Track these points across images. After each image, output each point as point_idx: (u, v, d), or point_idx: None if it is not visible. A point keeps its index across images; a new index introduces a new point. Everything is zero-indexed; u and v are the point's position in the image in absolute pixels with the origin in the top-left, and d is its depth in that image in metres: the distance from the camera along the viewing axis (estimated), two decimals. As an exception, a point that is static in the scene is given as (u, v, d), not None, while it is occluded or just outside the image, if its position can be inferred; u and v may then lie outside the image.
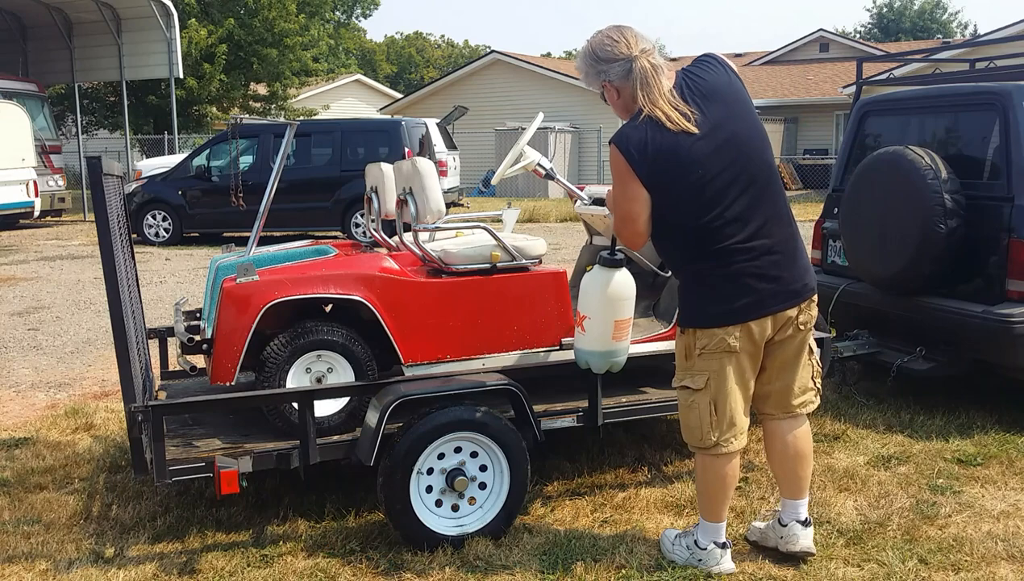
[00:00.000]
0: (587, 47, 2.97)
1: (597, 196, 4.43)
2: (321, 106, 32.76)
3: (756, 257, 2.88)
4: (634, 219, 2.89)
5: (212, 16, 25.29)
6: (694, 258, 2.94)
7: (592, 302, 3.27)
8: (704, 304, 2.96)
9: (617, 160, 2.86)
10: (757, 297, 2.90)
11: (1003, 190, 4.45)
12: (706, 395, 2.98)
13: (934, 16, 56.38)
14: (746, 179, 2.87)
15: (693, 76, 2.92)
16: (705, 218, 2.85)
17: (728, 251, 2.87)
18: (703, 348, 2.96)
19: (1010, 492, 3.77)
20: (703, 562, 3.09)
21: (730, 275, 2.89)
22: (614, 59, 2.91)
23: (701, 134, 2.81)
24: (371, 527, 3.46)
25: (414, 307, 3.59)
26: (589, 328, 3.30)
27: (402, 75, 66.17)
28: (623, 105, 2.99)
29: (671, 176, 2.83)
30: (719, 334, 2.92)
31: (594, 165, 26.98)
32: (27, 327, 7.78)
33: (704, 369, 2.97)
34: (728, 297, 2.90)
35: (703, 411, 3.00)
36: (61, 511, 3.71)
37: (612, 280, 3.24)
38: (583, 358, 3.40)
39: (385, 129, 14.24)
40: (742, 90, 2.96)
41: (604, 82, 2.97)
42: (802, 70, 31.36)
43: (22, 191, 16.05)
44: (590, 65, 2.97)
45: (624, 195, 2.90)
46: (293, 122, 4.98)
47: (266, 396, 3.38)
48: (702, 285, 2.96)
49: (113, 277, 3.06)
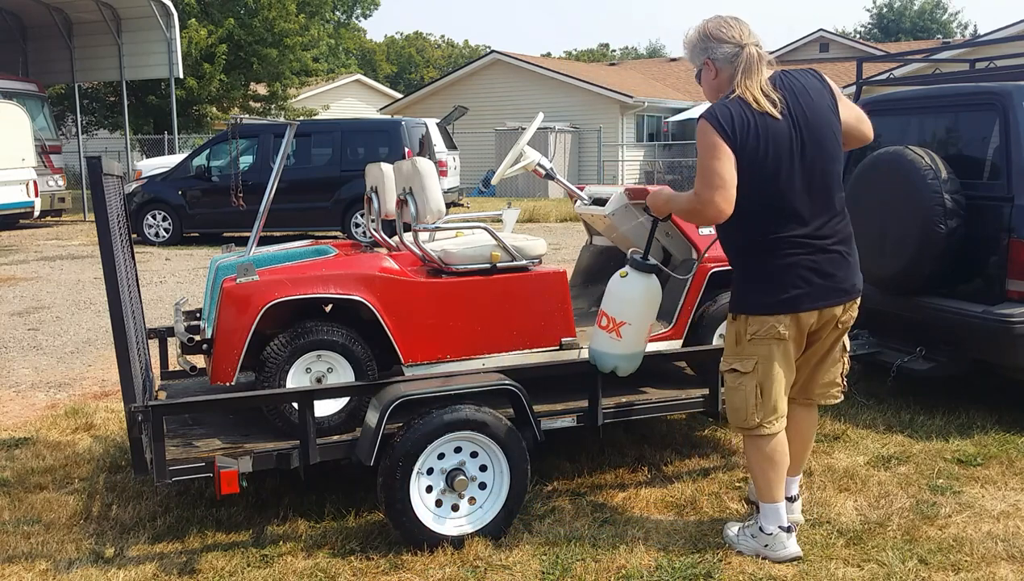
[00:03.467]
0: (702, 25, 3.14)
1: (597, 196, 4.43)
2: (321, 106, 32.75)
3: (814, 252, 3.03)
4: (728, 185, 2.92)
5: (212, 16, 25.28)
6: (755, 245, 3.08)
7: (633, 307, 3.38)
8: (758, 292, 3.10)
9: (707, 132, 2.96)
10: (810, 290, 3.03)
11: (1003, 190, 4.44)
12: (753, 379, 3.12)
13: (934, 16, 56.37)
14: (815, 178, 3.01)
15: (790, 75, 3.11)
16: (773, 204, 3.00)
17: (788, 242, 3.01)
18: (753, 334, 3.10)
19: (1010, 492, 3.77)
20: (770, 548, 3.18)
21: (787, 266, 3.03)
22: (725, 41, 3.06)
23: (782, 121, 2.97)
24: (371, 527, 3.46)
25: (414, 307, 3.59)
26: (626, 334, 3.39)
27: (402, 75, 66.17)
28: (716, 85, 3.13)
29: (749, 152, 2.95)
30: (770, 322, 3.07)
31: (594, 165, 26.98)
32: (27, 327, 7.78)
33: (753, 354, 3.12)
34: (783, 287, 3.04)
35: (749, 393, 3.14)
36: (61, 511, 3.71)
37: (651, 285, 3.37)
38: (611, 362, 3.48)
39: (385, 129, 14.24)
40: (832, 104, 3.08)
41: (707, 59, 3.12)
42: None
43: (22, 191, 16.04)
44: (701, 40, 3.12)
45: (717, 161, 2.93)
46: (293, 122, 4.98)
47: (266, 396, 3.38)
48: (758, 274, 3.09)
49: (113, 277, 3.06)
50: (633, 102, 27.11)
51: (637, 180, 27.01)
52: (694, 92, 31.03)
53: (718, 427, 4.61)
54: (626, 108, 27.46)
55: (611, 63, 42.91)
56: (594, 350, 3.55)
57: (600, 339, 3.50)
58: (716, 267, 4.07)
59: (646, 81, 32.03)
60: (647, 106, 27.84)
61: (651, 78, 33.23)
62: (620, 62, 44.37)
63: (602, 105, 27.35)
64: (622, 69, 35.91)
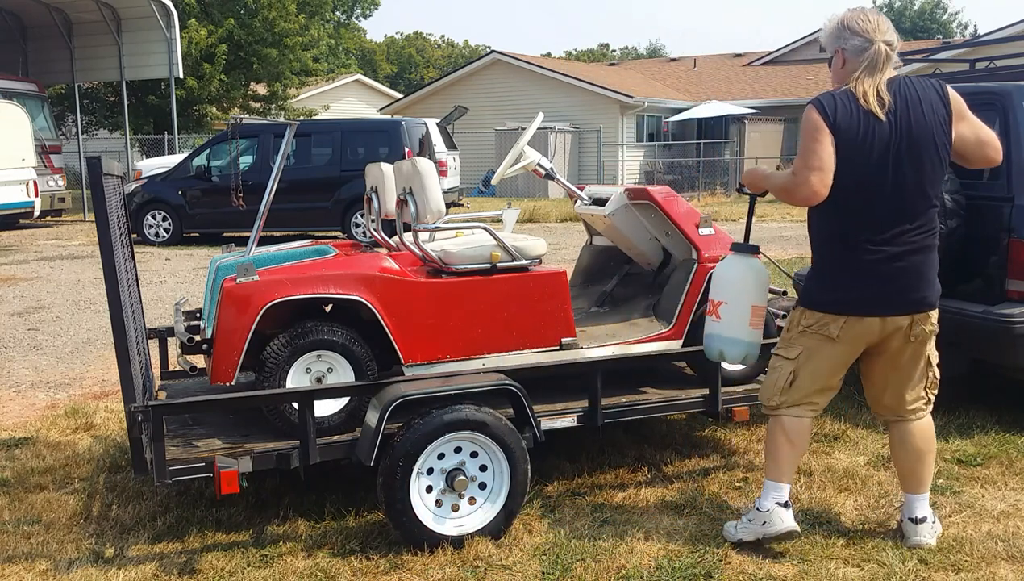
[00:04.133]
0: (843, 15, 3.20)
1: (597, 196, 4.43)
2: (321, 106, 32.75)
3: (881, 260, 3.05)
4: (826, 168, 2.98)
5: (212, 16, 25.28)
6: (829, 240, 3.15)
7: (729, 287, 3.40)
8: (819, 288, 3.19)
9: (811, 115, 3.04)
10: (868, 296, 3.08)
11: (1003, 190, 4.45)
12: (792, 365, 3.24)
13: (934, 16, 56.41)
14: (905, 188, 3.04)
15: (910, 83, 3.10)
16: (853, 203, 3.04)
17: (858, 244, 3.06)
18: (806, 327, 3.21)
19: (1010, 492, 3.77)
20: (768, 525, 3.22)
21: (851, 267, 3.09)
22: (858, 34, 3.11)
23: (885, 124, 3.00)
24: (371, 527, 3.46)
25: (414, 307, 3.59)
26: (725, 314, 3.39)
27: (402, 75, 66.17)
28: (841, 75, 3.18)
29: (844, 145, 3.00)
30: (823, 319, 3.15)
31: (594, 165, 26.99)
32: (27, 327, 7.78)
33: (800, 344, 3.23)
34: (842, 287, 3.11)
35: (781, 377, 3.26)
36: (61, 511, 3.71)
37: (749, 265, 3.39)
38: (716, 346, 3.45)
39: (385, 129, 14.24)
40: (944, 120, 3.07)
41: (839, 48, 3.17)
42: (802, 70, 31.34)
43: (22, 191, 16.05)
44: (837, 30, 3.18)
45: (818, 143, 3.00)
46: (293, 122, 4.98)
47: (266, 396, 3.38)
48: (823, 269, 3.19)
49: (113, 277, 3.06)
50: (633, 102, 27.12)
51: (637, 180, 27.01)
52: (694, 92, 31.05)
53: (718, 427, 4.61)
54: (626, 108, 27.47)
55: (611, 63, 42.93)
56: (704, 335, 3.53)
57: (707, 324, 3.51)
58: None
59: (646, 81, 32.03)
60: (647, 106, 27.84)
61: (651, 78, 33.24)
62: (620, 62, 44.38)
63: (602, 105, 27.36)
64: (622, 69, 35.92)
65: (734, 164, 25.64)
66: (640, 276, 4.56)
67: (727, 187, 25.24)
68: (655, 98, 28.66)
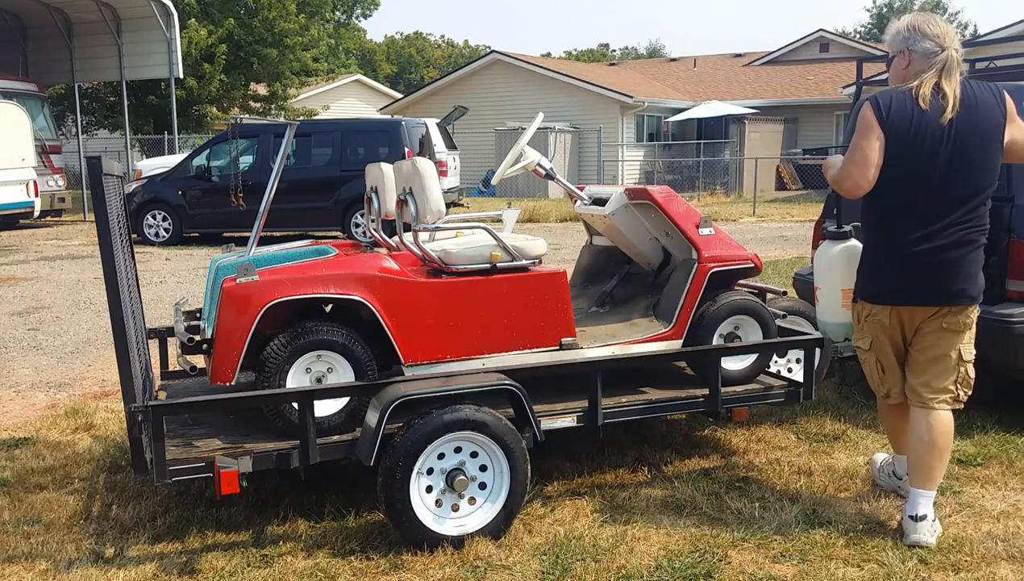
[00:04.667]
0: (911, 18, 3.37)
1: (597, 196, 4.43)
2: (321, 106, 32.75)
3: (923, 253, 3.21)
4: (869, 164, 3.17)
5: (212, 16, 25.28)
6: (877, 229, 3.33)
7: (821, 274, 3.68)
8: (867, 280, 3.40)
9: (864, 113, 3.22)
10: (910, 287, 3.26)
11: (1003, 190, 4.43)
12: (872, 354, 3.47)
13: (934, 16, 56.31)
14: (956, 186, 3.17)
15: (968, 86, 3.23)
16: (902, 199, 3.22)
17: (903, 237, 3.23)
18: (865, 317, 3.43)
19: (1010, 492, 3.77)
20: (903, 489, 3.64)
21: (895, 259, 3.27)
22: (929, 38, 3.26)
23: (940, 123, 3.15)
24: (371, 527, 3.46)
25: (414, 307, 3.59)
26: (822, 297, 3.71)
27: (402, 75, 66.17)
28: (903, 75, 3.34)
29: (897, 141, 3.16)
30: (874, 310, 3.38)
31: (594, 165, 26.99)
32: (27, 327, 7.78)
33: (868, 333, 3.45)
34: (887, 279, 3.31)
35: (872, 367, 3.50)
36: (61, 511, 3.71)
37: (836, 252, 3.60)
38: (821, 328, 3.84)
39: (385, 129, 14.24)
40: (1000, 123, 3.21)
41: (905, 48, 3.31)
42: (802, 70, 31.36)
43: (22, 191, 16.05)
44: (906, 31, 3.33)
45: (865, 139, 3.19)
46: (293, 122, 4.98)
47: (266, 396, 3.37)
48: (872, 261, 3.38)
49: (113, 277, 3.06)
50: (633, 102, 27.12)
51: (637, 180, 27.01)
52: (694, 92, 31.06)
53: (718, 427, 4.61)
54: (626, 108, 27.47)
55: (611, 63, 42.94)
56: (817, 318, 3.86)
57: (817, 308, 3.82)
58: (716, 267, 4.07)
59: (646, 81, 32.04)
60: (647, 106, 27.85)
61: (651, 78, 33.25)
62: (620, 62, 44.39)
63: (602, 105, 27.36)
64: (622, 69, 35.92)
65: (734, 164, 25.64)
66: (640, 276, 4.56)
67: (727, 187, 25.25)
68: (655, 98, 28.67)
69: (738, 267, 4.14)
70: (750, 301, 4.15)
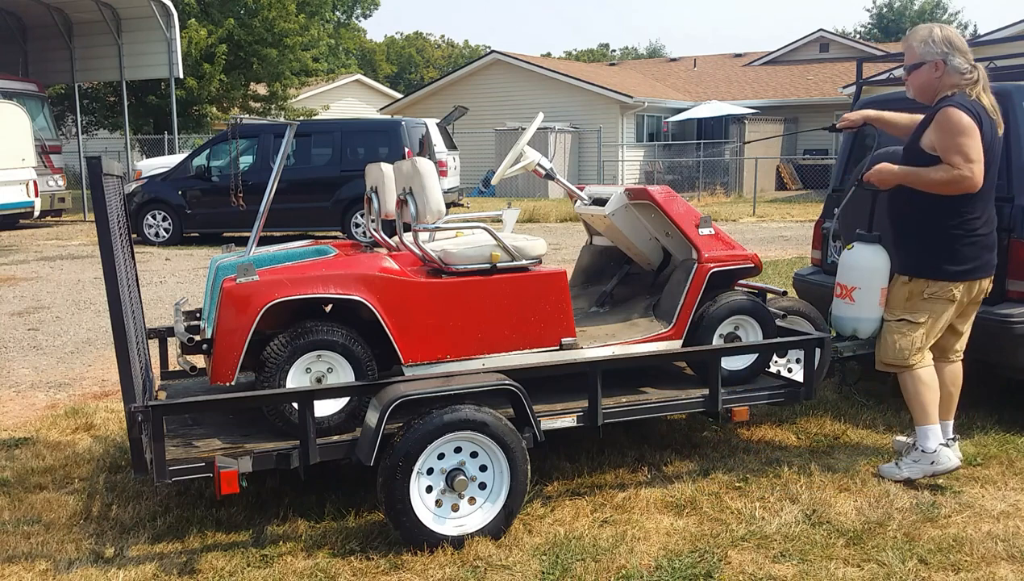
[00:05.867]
0: (939, 29, 3.70)
1: (597, 196, 4.43)
2: (321, 106, 32.75)
3: (986, 234, 3.79)
4: (981, 161, 3.59)
5: (212, 16, 25.28)
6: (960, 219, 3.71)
7: (861, 274, 4.02)
8: (944, 261, 3.76)
9: (962, 118, 3.58)
10: (981, 263, 3.79)
11: (1003, 190, 4.43)
12: (921, 329, 3.85)
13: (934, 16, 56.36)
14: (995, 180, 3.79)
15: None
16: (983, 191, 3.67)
17: (977, 223, 3.73)
18: (931, 294, 3.81)
19: (1010, 492, 3.77)
20: (936, 463, 3.82)
21: (971, 242, 3.74)
22: (963, 53, 3.67)
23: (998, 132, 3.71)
24: (371, 527, 3.46)
25: (414, 307, 3.59)
26: (859, 298, 4.04)
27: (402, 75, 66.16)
28: (934, 85, 3.74)
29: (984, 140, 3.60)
30: (949, 286, 3.78)
31: (594, 165, 26.98)
32: (27, 327, 7.78)
33: (926, 310, 3.83)
34: (966, 259, 3.75)
35: (916, 339, 3.86)
36: (61, 511, 3.71)
37: (876, 253, 3.99)
38: (850, 326, 4.12)
39: (385, 129, 14.24)
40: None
41: (940, 60, 3.67)
42: (802, 70, 31.36)
43: (22, 191, 16.05)
44: (943, 43, 3.67)
45: (974, 140, 3.58)
46: (293, 122, 4.98)
47: (266, 396, 3.37)
48: (947, 246, 3.74)
49: (113, 277, 3.06)
50: (633, 102, 27.12)
51: (637, 180, 27.01)
52: (694, 92, 31.06)
53: (718, 427, 4.61)
54: (626, 108, 27.47)
55: (611, 63, 42.93)
56: (834, 316, 4.22)
57: (837, 306, 4.17)
58: (716, 267, 4.07)
59: (646, 81, 32.04)
60: (647, 106, 27.85)
61: (651, 78, 33.25)
62: (620, 62, 44.38)
63: (602, 105, 27.36)
64: (622, 69, 35.92)
65: (734, 164, 25.64)
66: (640, 276, 4.56)
67: (727, 187, 25.25)
68: (655, 98, 28.66)
69: (738, 267, 4.14)
70: (750, 301, 4.15)
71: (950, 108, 3.58)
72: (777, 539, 3.33)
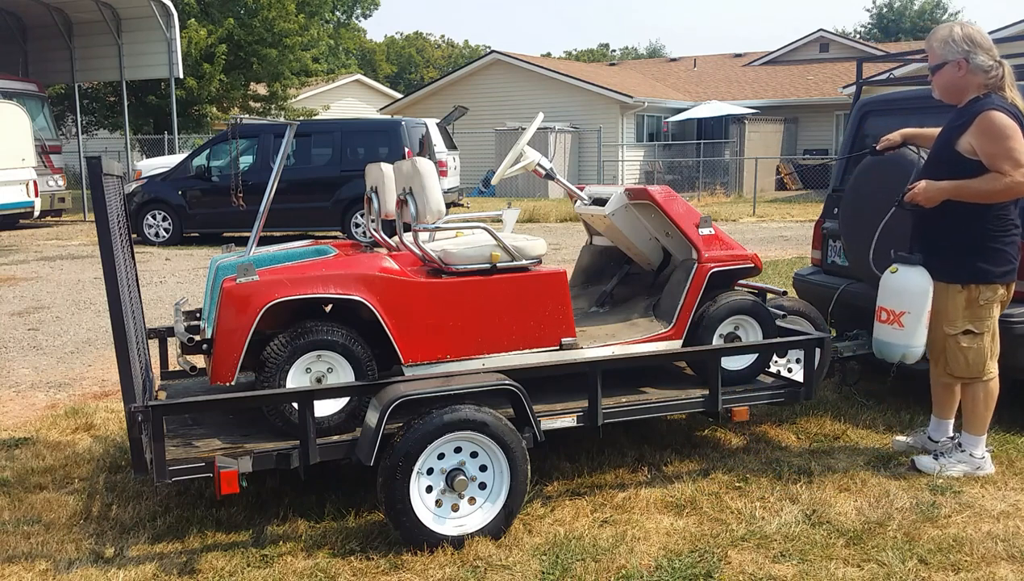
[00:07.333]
0: (961, 28, 3.62)
1: (597, 196, 4.43)
2: (321, 106, 32.75)
3: (1020, 234, 3.76)
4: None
5: (212, 16, 25.29)
6: (1003, 221, 3.69)
7: (912, 298, 3.83)
8: (992, 264, 3.72)
9: (1006, 122, 3.52)
10: (1019, 263, 3.77)
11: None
12: (987, 336, 3.81)
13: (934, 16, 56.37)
14: None
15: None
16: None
17: (1011, 222, 3.71)
18: (986, 300, 3.76)
19: (1010, 492, 3.77)
20: (981, 468, 3.90)
21: (1011, 242, 3.72)
22: (985, 50, 3.59)
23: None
24: (371, 527, 3.46)
25: (414, 307, 3.59)
26: (909, 323, 3.85)
27: (402, 75, 66.17)
28: (959, 84, 3.67)
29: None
30: (999, 288, 3.76)
31: (594, 165, 26.99)
32: (27, 327, 7.78)
33: (986, 316, 3.78)
34: (1010, 259, 3.74)
35: (986, 347, 3.82)
36: (61, 511, 3.71)
37: (922, 275, 3.81)
38: (900, 351, 3.92)
39: (385, 129, 14.24)
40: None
41: (962, 59, 3.60)
42: (802, 70, 31.36)
43: (22, 191, 16.06)
44: (964, 41, 3.59)
45: (1019, 144, 3.52)
46: (293, 122, 4.98)
47: (266, 396, 3.37)
48: (992, 249, 3.71)
49: (113, 277, 3.06)
50: (633, 102, 27.12)
51: (637, 180, 27.01)
52: (694, 92, 31.06)
53: (718, 427, 4.61)
54: (626, 108, 27.47)
55: (611, 63, 42.93)
56: (880, 342, 4.00)
57: (884, 332, 3.96)
58: (716, 267, 4.07)
59: (646, 81, 32.04)
60: (647, 106, 27.85)
61: (651, 78, 33.25)
62: (620, 62, 44.39)
63: (602, 105, 27.36)
64: (622, 69, 35.92)
65: (734, 164, 25.65)
66: (640, 276, 4.56)
67: (727, 187, 25.25)
68: (655, 98, 28.67)
69: (738, 267, 4.14)
70: (750, 301, 4.15)
71: (992, 111, 3.48)
72: (777, 539, 3.33)
